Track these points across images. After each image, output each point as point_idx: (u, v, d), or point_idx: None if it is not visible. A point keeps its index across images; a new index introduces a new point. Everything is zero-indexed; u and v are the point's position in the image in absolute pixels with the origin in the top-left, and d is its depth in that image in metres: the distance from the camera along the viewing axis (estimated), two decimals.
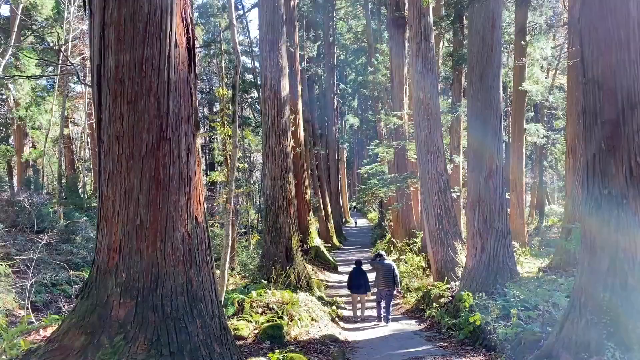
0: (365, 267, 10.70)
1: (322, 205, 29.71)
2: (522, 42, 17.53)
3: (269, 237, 11.07)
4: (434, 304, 9.77)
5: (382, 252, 10.55)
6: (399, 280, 9.96)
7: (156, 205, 3.88)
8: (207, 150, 36.51)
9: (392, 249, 20.15)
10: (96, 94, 3.92)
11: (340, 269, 19.57)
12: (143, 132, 3.86)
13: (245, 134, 23.48)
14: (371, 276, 10.25)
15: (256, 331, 7.36)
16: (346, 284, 10.38)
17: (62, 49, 16.15)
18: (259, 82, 20.96)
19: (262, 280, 10.07)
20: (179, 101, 3.98)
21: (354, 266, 10.29)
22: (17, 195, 15.99)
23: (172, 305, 3.84)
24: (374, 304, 10.12)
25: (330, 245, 26.28)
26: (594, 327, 4.63)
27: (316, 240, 22.69)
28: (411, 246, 17.28)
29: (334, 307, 9.68)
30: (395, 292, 9.93)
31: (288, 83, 11.77)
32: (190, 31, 4.24)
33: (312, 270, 18.52)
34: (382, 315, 9.55)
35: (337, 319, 9.50)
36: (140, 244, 3.83)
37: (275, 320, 7.68)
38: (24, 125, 19.28)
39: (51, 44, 21.14)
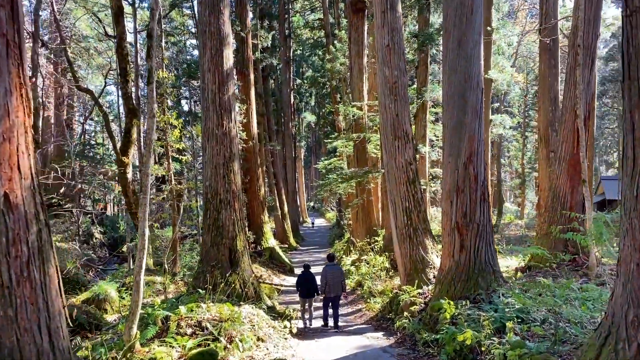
0: (314, 269, 10.51)
1: (278, 204, 28.10)
2: (488, 28, 16.69)
3: (209, 237, 9.15)
4: (405, 313, 8.39)
5: (334, 255, 10.46)
6: (345, 285, 9.91)
7: None
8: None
9: (351, 248, 18.86)
10: None
11: (296, 270, 18.24)
12: None
13: (197, 130, 21.44)
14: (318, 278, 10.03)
15: None
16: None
17: None
18: None
19: (199, 290, 8.23)
20: None
21: (302, 270, 9.93)
22: None
23: None
24: (321, 311, 9.96)
25: (287, 246, 24.81)
26: None
27: (271, 241, 21.20)
28: (372, 245, 16.03)
29: (286, 323, 7.98)
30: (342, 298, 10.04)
31: (232, 54, 9.92)
32: None
33: (267, 273, 16.95)
34: (331, 323, 9.44)
35: (290, 335, 7.80)
36: None
37: (209, 344, 6.02)
38: None
39: None
